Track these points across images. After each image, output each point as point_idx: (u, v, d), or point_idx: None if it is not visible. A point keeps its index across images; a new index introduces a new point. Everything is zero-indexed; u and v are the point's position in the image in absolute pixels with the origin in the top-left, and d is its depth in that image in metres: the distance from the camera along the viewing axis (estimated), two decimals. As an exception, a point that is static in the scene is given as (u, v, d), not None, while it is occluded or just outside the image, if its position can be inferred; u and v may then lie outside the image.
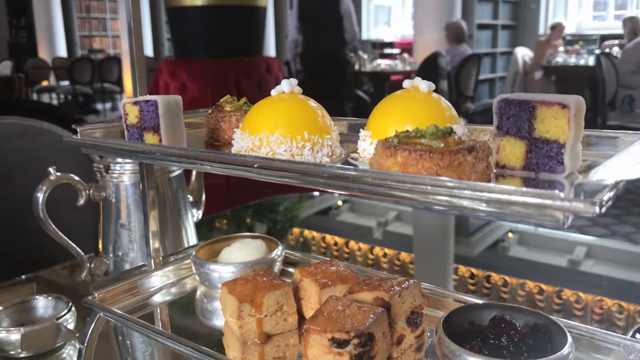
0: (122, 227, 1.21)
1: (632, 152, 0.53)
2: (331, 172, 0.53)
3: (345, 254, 1.41)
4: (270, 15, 8.72)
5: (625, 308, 1.03)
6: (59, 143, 1.86)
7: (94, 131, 0.85)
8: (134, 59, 0.94)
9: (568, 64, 7.21)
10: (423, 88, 0.68)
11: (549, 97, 0.56)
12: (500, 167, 0.60)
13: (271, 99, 0.71)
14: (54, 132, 1.86)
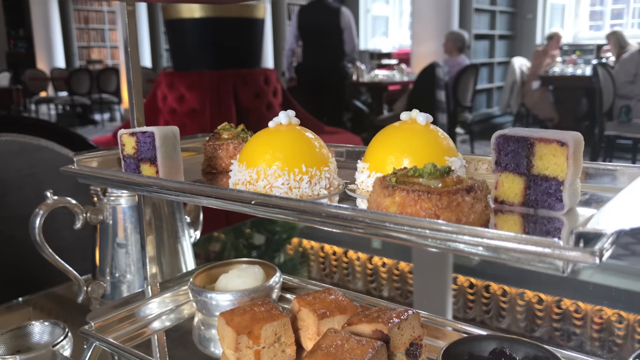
0: (120, 249, 1.21)
1: (633, 191, 0.53)
2: (329, 211, 0.52)
3: (344, 263, 1.41)
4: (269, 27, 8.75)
5: (624, 318, 1.03)
6: (56, 160, 1.85)
7: (91, 160, 0.84)
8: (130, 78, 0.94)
9: (565, 74, 7.24)
10: (421, 120, 0.68)
11: (547, 135, 0.56)
12: (499, 203, 0.60)
13: (269, 130, 0.71)
14: (51, 149, 1.86)
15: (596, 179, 0.67)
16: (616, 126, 5.47)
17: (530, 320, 1.07)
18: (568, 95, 7.19)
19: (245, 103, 4.39)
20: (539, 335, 1.03)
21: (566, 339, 1.00)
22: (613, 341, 0.98)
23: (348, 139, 4.73)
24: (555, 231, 0.54)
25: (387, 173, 0.66)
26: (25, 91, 8.70)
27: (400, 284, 1.28)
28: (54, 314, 1.24)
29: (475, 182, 0.53)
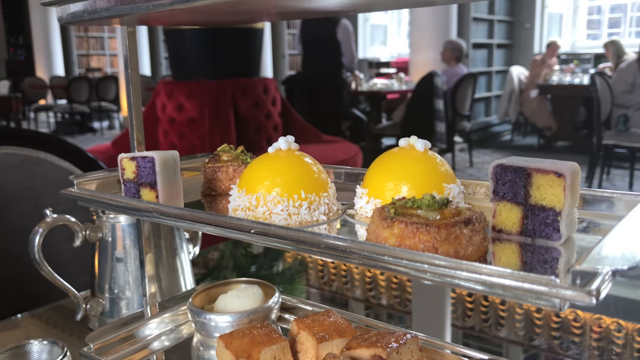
0: (119, 267, 1.21)
1: (630, 223, 0.53)
2: (328, 243, 0.53)
3: (342, 271, 1.41)
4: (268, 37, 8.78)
5: (623, 326, 1.03)
6: (55, 173, 1.85)
7: (91, 182, 0.85)
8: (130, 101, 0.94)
9: (563, 83, 7.27)
10: (419, 147, 0.68)
11: (545, 165, 0.57)
12: (497, 231, 0.61)
13: (268, 156, 0.72)
14: (50, 162, 1.86)
15: (593, 205, 0.67)
16: (614, 135, 5.49)
17: (529, 329, 1.07)
18: (566, 104, 7.22)
19: (244, 112, 4.40)
20: (537, 344, 1.03)
21: (565, 348, 1.00)
22: (612, 350, 0.98)
23: (347, 147, 4.74)
24: (553, 261, 0.55)
25: (385, 199, 0.67)
26: (24, 99, 8.71)
27: (399, 292, 1.29)
28: (52, 331, 1.23)
29: (473, 214, 0.53)
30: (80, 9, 0.72)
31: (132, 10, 0.66)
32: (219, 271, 1.56)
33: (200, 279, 1.45)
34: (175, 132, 4.45)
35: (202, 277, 1.49)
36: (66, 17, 0.75)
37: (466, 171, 6.27)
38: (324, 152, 4.49)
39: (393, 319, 1.22)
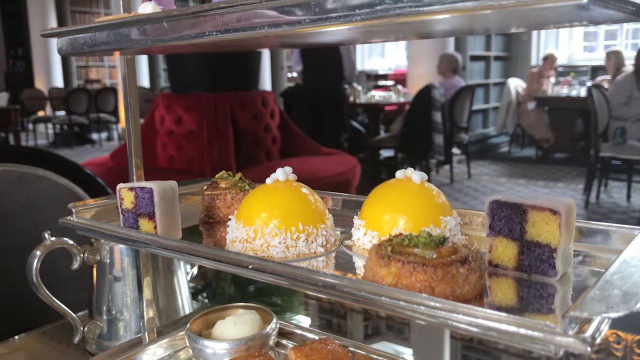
0: (117, 289, 1.21)
1: (626, 262, 0.53)
2: (325, 281, 0.53)
3: None
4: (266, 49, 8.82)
5: (622, 338, 1.02)
6: (53, 189, 1.86)
7: (90, 210, 0.85)
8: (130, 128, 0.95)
9: (560, 95, 7.31)
10: (416, 179, 0.69)
11: (540, 202, 0.57)
12: (493, 266, 0.61)
13: (266, 187, 0.72)
14: (48, 179, 1.86)
15: (589, 238, 0.68)
16: (611, 148, 5.51)
17: None
18: (563, 116, 7.25)
19: (242, 125, 4.42)
20: (536, 355, 1.02)
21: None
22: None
23: (345, 160, 4.75)
24: (549, 298, 0.55)
25: (383, 232, 0.67)
26: (23, 110, 8.72)
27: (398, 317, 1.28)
28: (50, 354, 1.23)
29: (470, 253, 0.54)
30: (80, 42, 0.73)
31: (131, 45, 0.67)
32: (217, 291, 1.56)
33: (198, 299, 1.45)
34: (174, 145, 4.46)
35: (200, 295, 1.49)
36: (66, 48, 0.76)
37: (464, 183, 6.28)
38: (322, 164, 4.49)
39: (392, 341, 1.22)
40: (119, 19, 0.67)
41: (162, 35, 0.63)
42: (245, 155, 4.50)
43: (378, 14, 0.47)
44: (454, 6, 0.43)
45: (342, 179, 4.36)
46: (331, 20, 0.50)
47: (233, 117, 4.46)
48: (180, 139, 4.45)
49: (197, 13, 0.58)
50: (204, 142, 4.35)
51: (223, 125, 4.42)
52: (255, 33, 0.55)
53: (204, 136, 4.37)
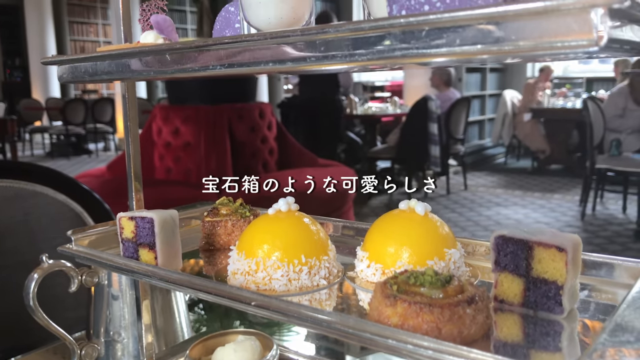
0: (115, 311, 1.19)
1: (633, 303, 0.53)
2: (330, 321, 0.52)
3: None
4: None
5: None
6: (50, 206, 1.84)
7: (89, 237, 0.84)
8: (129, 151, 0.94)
9: (556, 107, 7.34)
10: (419, 210, 0.68)
11: (546, 239, 0.57)
12: (499, 302, 0.60)
13: (268, 218, 0.71)
14: (45, 195, 1.85)
15: (593, 270, 0.67)
16: (607, 159, 5.52)
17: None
18: (559, 128, 7.28)
19: (240, 137, 4.41)
20: None
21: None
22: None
23: (342, 171, 4.74)
24: (556, 335, 0.54)
25: (386, 265, 0.66)
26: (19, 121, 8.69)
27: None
28: (45, 378, 1.21)
29: (477, 292, 0.53)
30: (81, 71, 0.72)
31: (133, 76, 0.67)
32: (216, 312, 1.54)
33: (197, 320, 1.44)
34: (171, 157, 4.45)
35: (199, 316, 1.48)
36: (66, 76, 0.75)
37: (460, 194, 6.28)
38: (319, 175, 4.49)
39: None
40: (121, 50, 0.66)
41: (164, 67, 0.63)
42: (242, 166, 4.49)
43: (384, 55, 0.47)
44: (463, 49, 0.43)
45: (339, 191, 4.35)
46: (336, 59, 0.50)
47: (230, 129, 4.46)
48: (178, 151, 4.44)
49: (201, 47, 0.58)
50: (202, 154, 4.35)
51: (220, 137, 4.41)
52: (260, 69, 0.55)
53: (202, 148, 4.36)
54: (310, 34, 0.50)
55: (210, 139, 4.33)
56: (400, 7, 0.48)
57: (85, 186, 1.93)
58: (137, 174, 0.97)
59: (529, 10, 0.39)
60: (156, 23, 0.72)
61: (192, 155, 4.31)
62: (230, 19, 0.79)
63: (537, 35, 0.40)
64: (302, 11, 0.64)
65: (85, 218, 1.88)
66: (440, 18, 0.42)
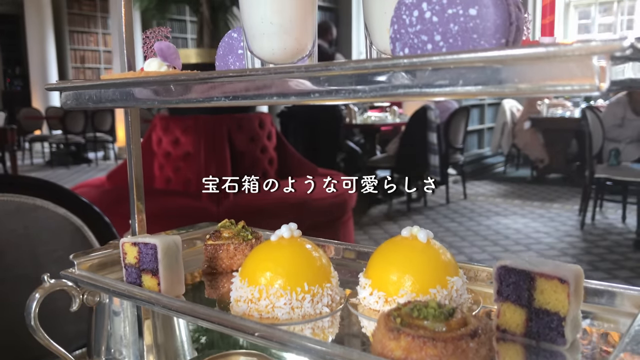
0: (116, 330, 1.19)
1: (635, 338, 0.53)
2: (333, 354, 0.52)
3: None
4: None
5: None
6: (51, 219, 1.84)
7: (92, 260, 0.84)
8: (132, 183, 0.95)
9: (555, 116, 7.36)
10: (422, 238, 0.69)
11: (548, 270, 0.57)
12: (501, 331, 0.61)
13: (270, 244, 0.72)
14: (46, 209, 1.85)
15: (596, 297, 0.68)
16: (606, 169, 5.53)
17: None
18: (558, 137, 7.30)
19: (239, 147, 4.42)
20: None
21: None
22: None
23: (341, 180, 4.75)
24: (558, 367, 0.55)
25: (389, 292, 0.67)
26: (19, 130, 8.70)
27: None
28: (46, 397, 1.21)
29: (480, 325, 0.53)
30: (85, 98, 0.73)
31: (137, 104, 0.67)
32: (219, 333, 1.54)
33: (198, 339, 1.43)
34: (171, 167, 4.46)
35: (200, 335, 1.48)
36: (70, 103, 0.76)
37: (460, 203, 6.28)
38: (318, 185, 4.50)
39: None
40: (125, 79, 0.67)
41: (168, 97, 0.64)
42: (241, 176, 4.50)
43: (387, 93, 0.48)
44: (466, 89, 0.44)
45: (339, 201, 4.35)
46: (340, 95, 0.50)
47: (230, 139, 4.47)
48: (177, 161, 4.45)
49: (205, 79, 0.58)
50: (201, 164, 4.35)
51: (220, 147, 4.42)
52: (264, 101, 0.55)
53: (201, 158, 4.37)
54: (315, 71, 0.50)
55: (210, 149, 4.34)
56: (403, 45, 0.49)
57: (86, 200, 1.93)
58: (140, 195, 0.98)
59: (532, 55, 0.39)
60: (160, 50, 0.73)
61: (192, 165, 4.32)
62: (233, 44, 0.80)
63: (539, 78, 0.40)
64: (306, 42, 0.64)
65: (86, 232, 1.88)
66: (444, 60, 0.43)
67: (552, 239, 4.71)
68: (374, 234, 4.79)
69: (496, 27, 0.44)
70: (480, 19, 0.44)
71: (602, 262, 4.11)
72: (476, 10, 0.44)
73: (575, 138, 7.11)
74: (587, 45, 0.37)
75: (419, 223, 4.80)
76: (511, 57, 0.40)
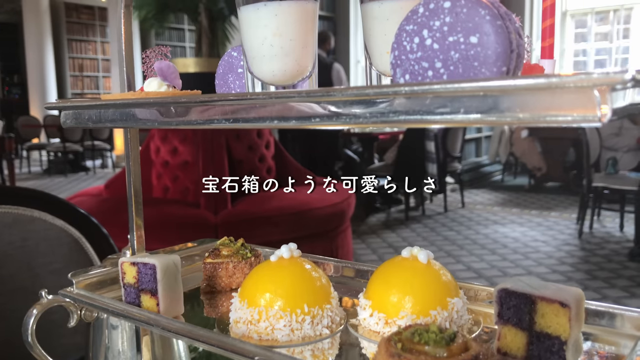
0: (114, 346, 1.18)
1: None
2: (334, 380, 0.52)
3: None
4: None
5: None
6: (48, 231, 1.84)
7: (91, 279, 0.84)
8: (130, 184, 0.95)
9: (552, 124, 7.38)
10: (422, 259, 0.69)
11: (550, 293, 0.57)
12: (502, 354, 0.60)
13: (270, 265, 0.71)
14: (44, 220, 1.85)
15: (597, 318, 0.67)
16: (603, 178, 5.55)
17: None
18: (556, 145, 7.33)
19: (238, 156, 4.42)
20: None
21: None
22: None
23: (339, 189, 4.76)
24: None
25: (389, 314, 0.67)
26: (17, 138, 8.70)
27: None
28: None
29: (481, 351, 0.53)
30: (85, 117, 0.73)
31: (137, 125, 0.67)
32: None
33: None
34: (169, 176, 4.45)
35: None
36: (70, 122, 0.75)
37: (458, 212, 6.29)
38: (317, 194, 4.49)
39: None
40: (125, 100, 0.67)
41: (169, 118, 0.64)
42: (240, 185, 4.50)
43: (388, 119, 0.48)
44: (468, 117, 0.44)
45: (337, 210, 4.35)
46: (341, 119, 0.50)
47: (229, 148, 4.47)
48: (176, 170, 4.45)
49: (206, 102, 0.58)
50: (199, 174, 4.35)
51: (219, 156, 4.42)
52: (265, 125, 0.55)
53: (200, 167, 4.37)
54: (316, 96, 0.50)
55: (209, 158, 4.34)
56: (404, 71, 0.49)
57: (84, 211, 1.93)
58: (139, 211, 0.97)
59: (534, 85, 0.40)
60: (160, 70, 0.73)
61: (190, 174, 4.32)
62: (233, 63, 0.80)
63: (540, 108, 0.40)
64: (306, 64, 0.65)
65: (84, 243, 1.87)
66: (445, 88, 0.43)
67: (550, 248, 4.71)
68: (372, 243, 4.78)
69: (497, 55, 0.44)
70: (481, 47, 0.44)
71: (600, 270, 4.11)
72: (477, 38, 0.45)
73: (572, 146, 7.13)
74: (588, 78, 0.37)
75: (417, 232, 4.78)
76: (513, 87, 0.40)
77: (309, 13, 0.62)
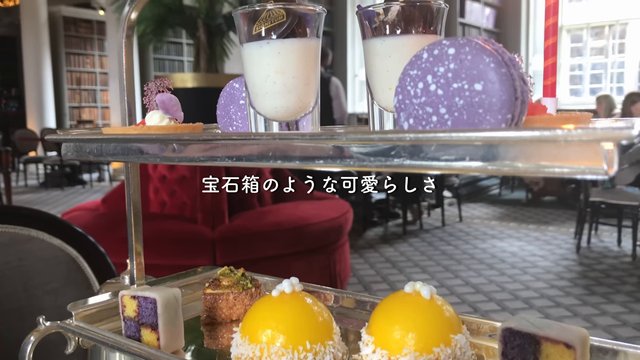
0: (110, 373, 1.17)
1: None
2: None
3: None
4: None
5: None
6: (45, 251, 1.83)
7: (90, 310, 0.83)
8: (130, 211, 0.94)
9: (549, 139, 7.41)
10: (425, 294, 0.68)
11: (554, 334, 0.56)
12: (507, 394, 0.60)
13: (272, 300, 0.71)
14: (41, 240, 1.84)
15: (600, 354, 0.67)
16: (601, 193, 5.56)
17: None
18: (552, 159, 7.34)
19: (235, 170, 4.42)
20: None
21: None
22: None
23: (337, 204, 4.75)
24: None
25: (392, 351, 0.66)
26: (14, 151, 8.68)
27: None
28: None
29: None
30: (86, 150, 0.73)
31: (138, 160, 0.67)
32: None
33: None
34: (166, 190, 4.44)
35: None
36: (71, 154, 0.75)
37: (456, 226, 6.28)
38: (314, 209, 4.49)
39: None
40: (127, 135, 0.67)
41: (170, 154, 0.63)
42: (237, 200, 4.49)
43: (392, 163, 0.47)
44: (474, 165, 0.43)
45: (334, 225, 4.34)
46: (345, 162, 0.50)
47: (226, 163, 4.46)
48: (173, 184, 4.44)
49: (209, 141, 0.58)
50: (197, 188, 4.34)
51: (216, 170, 4.42)
52: (267, 164, 0.55)
53: (197, 181, 4.36)
54: (320, 139, 0.50)
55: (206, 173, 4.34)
56: (408, 115, 0.49)
57: (81, 230, 1.92)
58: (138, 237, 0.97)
59: (540, 138, 0.40)
60: (162, 102, 0.73)
61: (187, 188, 4.31)
62: (234, 95, 0.80)
63: (547, 159, 0.40)
64: (308, 100, 0.65)
65: (81, 262, 1.86)
66: (450, 137, 0.43)
67: (548, 263, 4.71)
68: (370, 258, 4.77)
69: (502, 102, 0.44)
70: (486, 94, 0.45)
71: (598, 286, 4.10)
72: (482, 85, 0.45)
73: (569, 160, 7.15)
74: (594, 132, 0.37)
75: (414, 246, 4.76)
76: (519, 138, 0.40)
77: (311, 51, 0.63)
